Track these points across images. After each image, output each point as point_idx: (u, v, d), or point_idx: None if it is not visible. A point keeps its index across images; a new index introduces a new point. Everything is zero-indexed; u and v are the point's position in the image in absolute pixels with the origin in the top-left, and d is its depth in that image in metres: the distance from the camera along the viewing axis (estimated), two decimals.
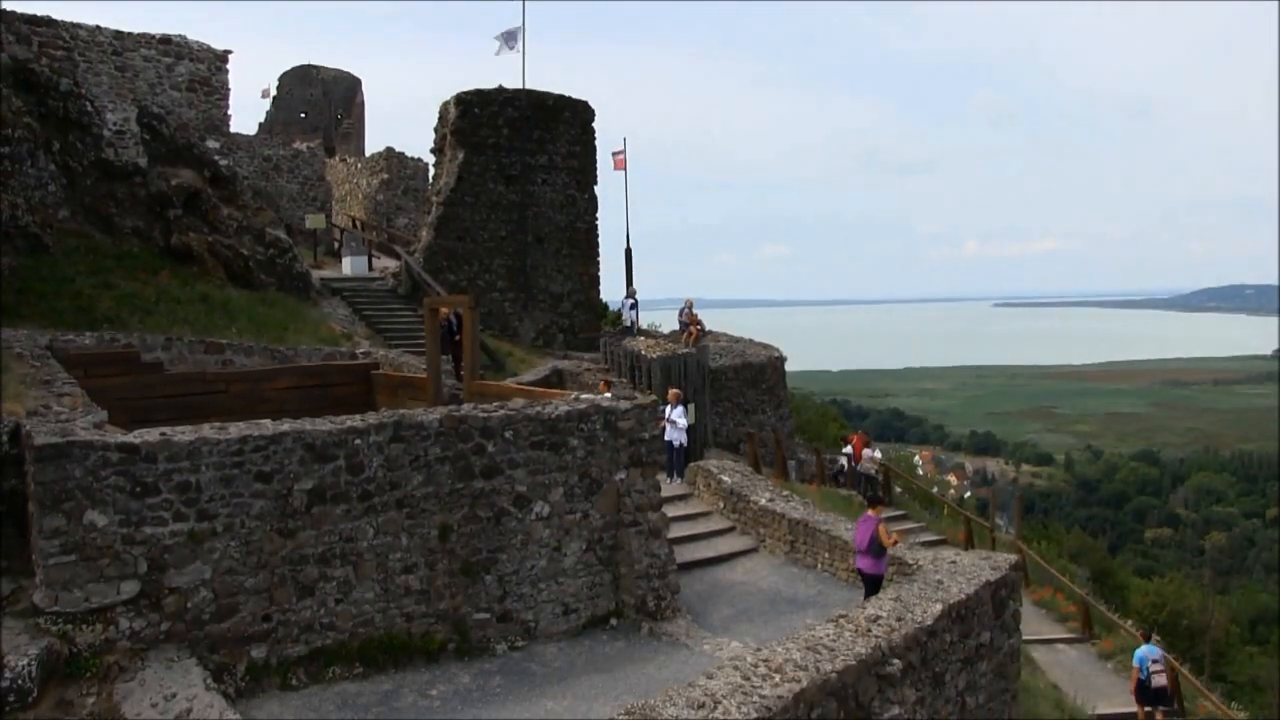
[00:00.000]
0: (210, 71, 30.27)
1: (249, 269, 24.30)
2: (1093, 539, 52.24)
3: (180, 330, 19.38)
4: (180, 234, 23.30)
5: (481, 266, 29.82)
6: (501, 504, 11.77)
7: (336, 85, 50.77)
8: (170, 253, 23.11)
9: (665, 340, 27.99)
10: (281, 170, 37.13)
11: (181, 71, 29.52)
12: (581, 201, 31.60)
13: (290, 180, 37.33)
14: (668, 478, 18.70)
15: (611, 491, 12.75)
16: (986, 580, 12.20)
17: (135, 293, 20.24)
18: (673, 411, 19.44)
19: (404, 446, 11.01)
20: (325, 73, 50.56)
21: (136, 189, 23.28)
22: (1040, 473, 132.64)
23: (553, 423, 12.18)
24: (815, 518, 17.13)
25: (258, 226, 25.57)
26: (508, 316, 30.31)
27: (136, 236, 22.84)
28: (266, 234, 25.55)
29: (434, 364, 16.64)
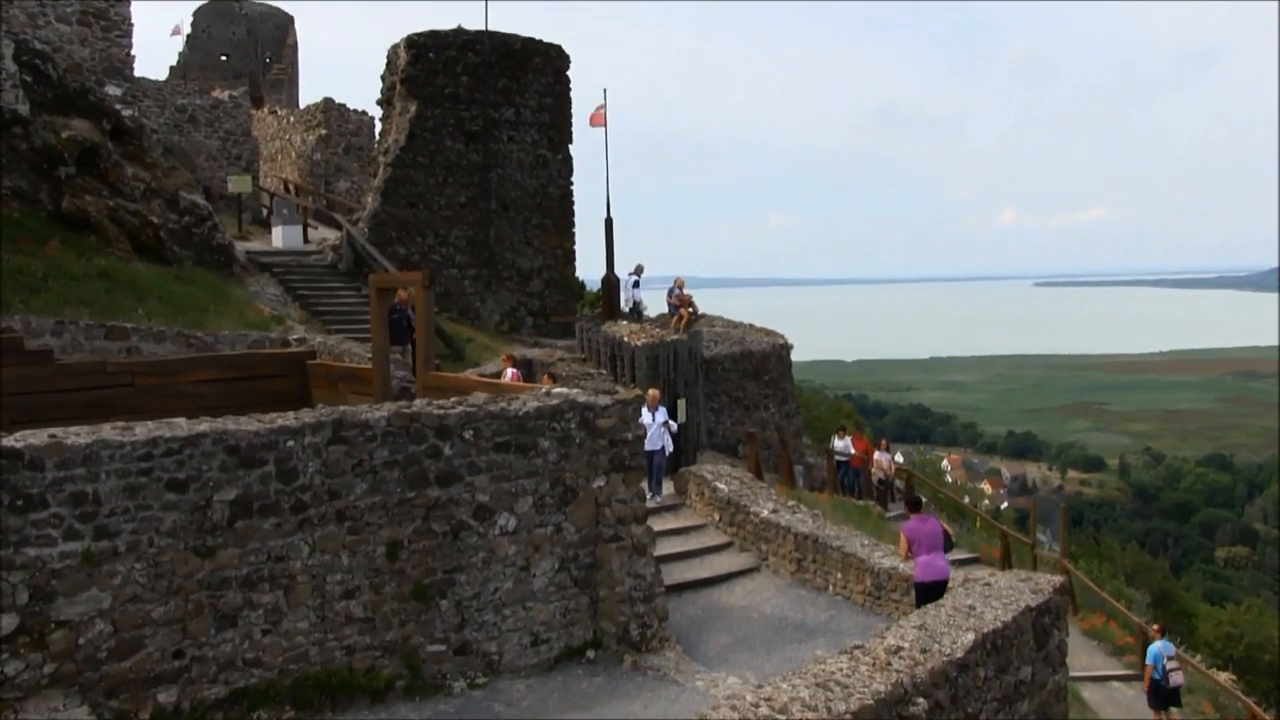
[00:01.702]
0: (108, 2, 29.89)
1: (159, 240, 24.07)
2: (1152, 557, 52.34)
3: (75, 312, 19.08)
4: (74, 197, 22.96)
5: (437, 238, 29.69)
6: (460, 516, 11.71)
7: (264, 23, 50.38)
8: (61, 219, 22.77)
9: (651, 326, 27.93)
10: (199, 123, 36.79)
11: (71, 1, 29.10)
12: (554, 163, 31.48)
13: (209, 135, 37.00)
14: (647, 493, 18.39)
15: (589, 501, 12.71)
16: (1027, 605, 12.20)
17: (19, 267, 19.97)
18: (649, 416, 18.84)
19: (345, 449, 10.91)
20: (250, 7, 50.16)
21: (16, 142, 22.83)
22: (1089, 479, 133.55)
23: (520, 421, 12.11)
24: (827, 532, 17.16)
25: (170, 189, 25.32)
26: (468, 297, 30.21)
27: (18, 199, 22.47)
28: (181, 198, 25.32)
29: (381, 352, 16.53)
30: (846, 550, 16.30)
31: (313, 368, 18.10)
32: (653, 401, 19.25)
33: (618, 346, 25.57)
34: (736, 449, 28.45)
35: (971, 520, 30.61)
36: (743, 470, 21.89)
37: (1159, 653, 17.81)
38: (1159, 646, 17.96)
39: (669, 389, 24.81)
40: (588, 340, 27.50)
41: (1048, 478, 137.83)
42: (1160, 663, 17.70)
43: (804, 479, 28.34)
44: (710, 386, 28.51)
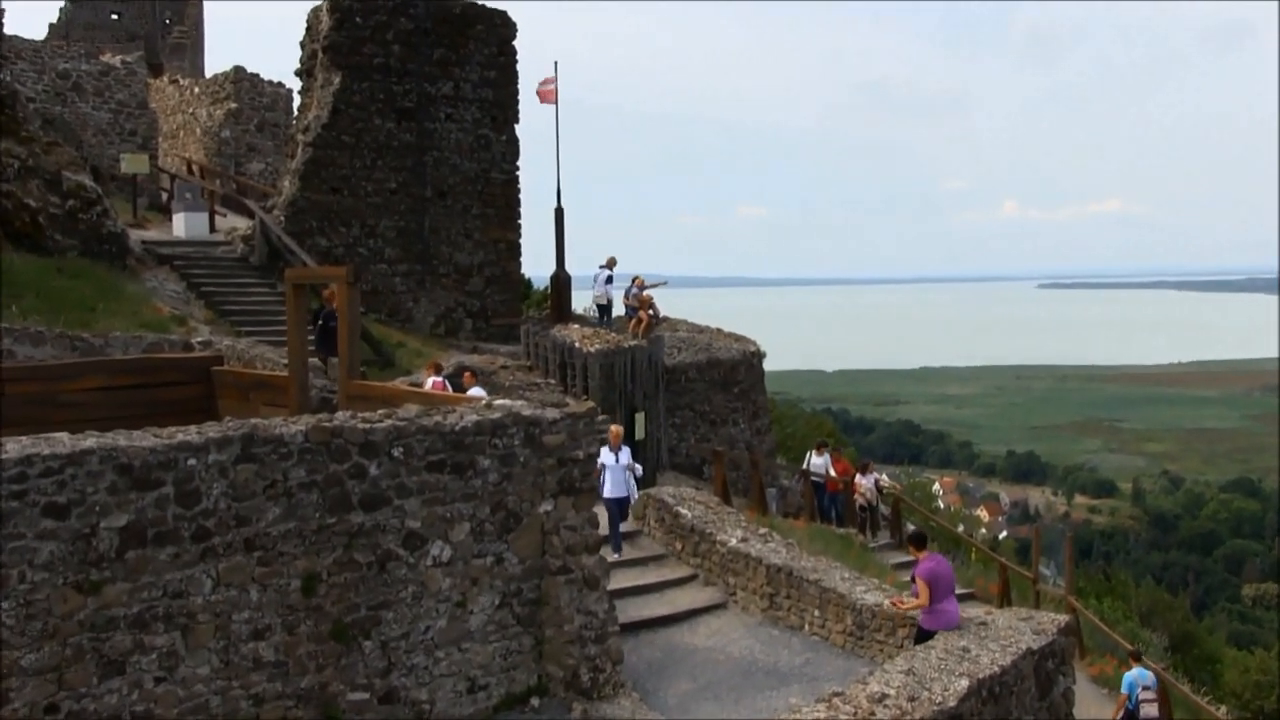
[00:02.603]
0: None
1: (37, 226, 23.76)
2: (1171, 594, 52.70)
3: None
4: None
5: (364, 229, 29.57)
6: (387, 545, 11.65)
7: None
8: None
9: (606, 330, 27.96)
10: (85, 92, 36.37)
11: None
12: (498, 145, 31.46)
13: (98, 106, 36.59)
14: (612, 550, 17.85)
15: (534, 528, 12.68)
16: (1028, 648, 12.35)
17: None
18: (613, 457, 18.31)
19: (256, 469, 10.82)
20: None
21: None
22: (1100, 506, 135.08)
23: (457, 437, 12.08)
24: (803, 564, 17.22)
25: (50, 168, 24.99)
26: (398, 296, 30.10)
27: None
28: (64, 179, 25.01)
29: (298, 358, 16.42)
30: (825, 584, 16.37)
31: (219, 375, 17.94)
32: (615, 440, 18.57)
33: (568, 353, 25.58)
34: (701, 469, 28.50)
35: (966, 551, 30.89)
36: (708, 494, 21.92)
37: (1133, 681, 18.44)
38: (1134, 675, 18.58)
39: (626, 401, 24.86)
40: (534, 346, 27.48)
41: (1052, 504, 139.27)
42: (1134, 692, 18.32)
43: (777, 504, 28.43)
44: (672, 399, 28.57)
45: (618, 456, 18.39)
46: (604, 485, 18.06)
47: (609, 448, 18.24)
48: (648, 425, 25.09)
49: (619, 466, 18.34)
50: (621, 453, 18.53)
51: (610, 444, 18.34)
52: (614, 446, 18.43)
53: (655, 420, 25.99)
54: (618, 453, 18.44)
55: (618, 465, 18.33)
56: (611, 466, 18.20)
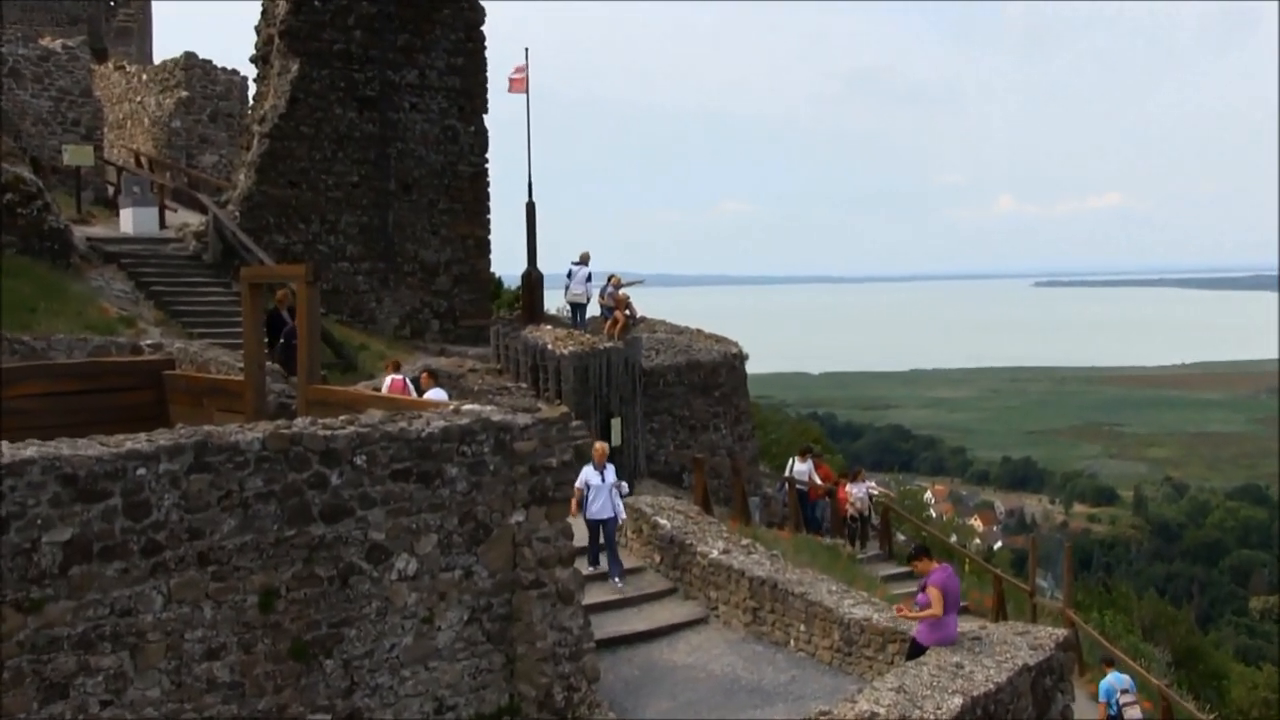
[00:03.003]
0: None
1: None
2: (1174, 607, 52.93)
3: None
4: None
5: (324, 225, 29.49)
6: (350, 558, 11.62)
7: None
8: None
9: (580, 331, 27.96)
10: (23, 78, 36.04)
11: None
12: (465, 136, 31.42)
13: (38, 94, 36.28)
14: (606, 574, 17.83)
15: (505, 540, 12.68)
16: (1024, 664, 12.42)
17: None
18: (598, 475, 18.04)
19: (210, 479, 10.78)
20: None
21: None
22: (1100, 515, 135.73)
23: (423, 444, 12.06)
24: (788, 576, 17.27)
25: None
26: (361, 295, 30.02)
27: None
28: (1, 171, 24.88)
29: (255, 361, 16.37)
30: (811, 598, 16.42)
31: (171, 380, 17.88)
32: (599, 457, 18.15)
33: (540, 355, 25.58)
34: (681, 477, 28.52)
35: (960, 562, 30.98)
36: (688, 503, 21.95)
37: (1111, 688, 18.75)
38: (1110, 681, 18.91)
39: (601, 406, 24.89)
40: (505, 348, 27.47)
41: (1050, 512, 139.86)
42: (1113, 699, 18.60)
43: (761, 513, 28.49)
44: (650, 403, 28.59)
45: (603, 475, 18.03)
46: (588, 506, 17.83)
47: (593, 465, 17.89)
48: (624, 431, 25.12)
49: (604, 486, 17.96)
50: (607, 470, 18.17)
51: (594, 461, 17.94)
52: (598, 464, 18.04)
53: (632, 426, 26.01)
54: (603, 470, 18.08)
55: (603, 485, 17.95)
56: (596, 486, 17.88)
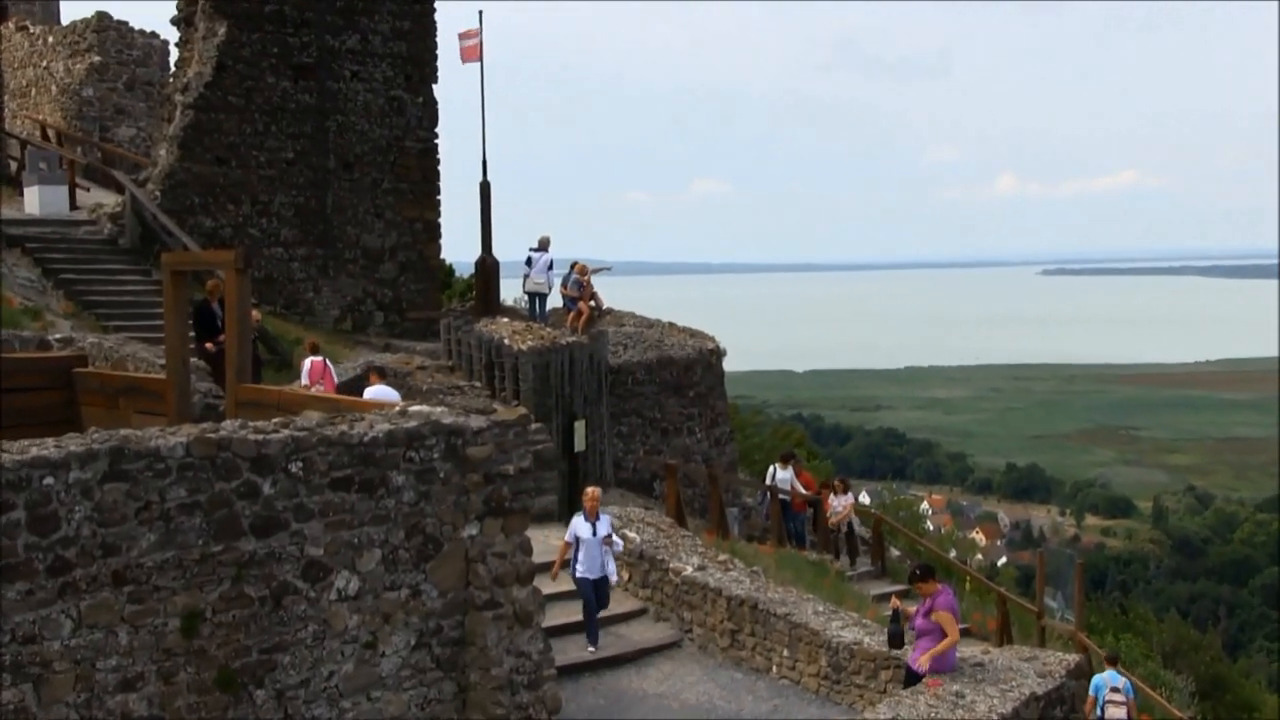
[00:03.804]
0: None
1: None
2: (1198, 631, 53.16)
3: None
4: None
5: (255, 206, 29.35)
6: (283, 576, 11.58)
7: None
8: None
9: (540, 324, 27.94)
10: None
11: None
12: (413, 108, 31.33)
13: None
14: (588, 643, 17.03)
15: (456, 555, 12.66)
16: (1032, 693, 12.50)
17: None
18: (588, 527, 17.16)
19: (127, 488, 10.72)
20: None
21: None
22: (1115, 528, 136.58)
23: (365, 449, 12.03)
24: (770, 595, 17.32)
25: None
26: (297, 284, 29.90)
27: None
28: None
29: (178, 357, 16.30)
30: (795, 619, 16.47)
31: (82, 378, 17.74)
32: (591, 506, 17.24)
33: (496, 351, 25.54)
34: (651, 486, 28.54)
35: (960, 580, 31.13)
36: (659, 514, 21.99)
37: (1101, 684, 19.12)
38: (1103, 677, 19.30)
39: (563, 407, 24.88)
40: (456, 343, 27.41)
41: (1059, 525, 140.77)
42: (1100, 695, 18.96)
43: (740, 525, 28.57)
44: (617, 404, 28.59)
45: (594, 526, 17.08)
46: (576, 563, 17.07)
47: (583, 515, 17.16)
48: (589, 435, 25.11)
49: (595, 540, 16.99)
50: (600, 522, 17.17)
51: (585, 511, 17.20)
52: (590, 514, 17.16)
53: (597, 429, 26.01)
54: (595, 521, 17.13)
55: (593, 539, 16.98)
56: (586, 540, 16.98)
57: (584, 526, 17.08)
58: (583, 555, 17.01)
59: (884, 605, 22.32)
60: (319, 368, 20.53)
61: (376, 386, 18.83)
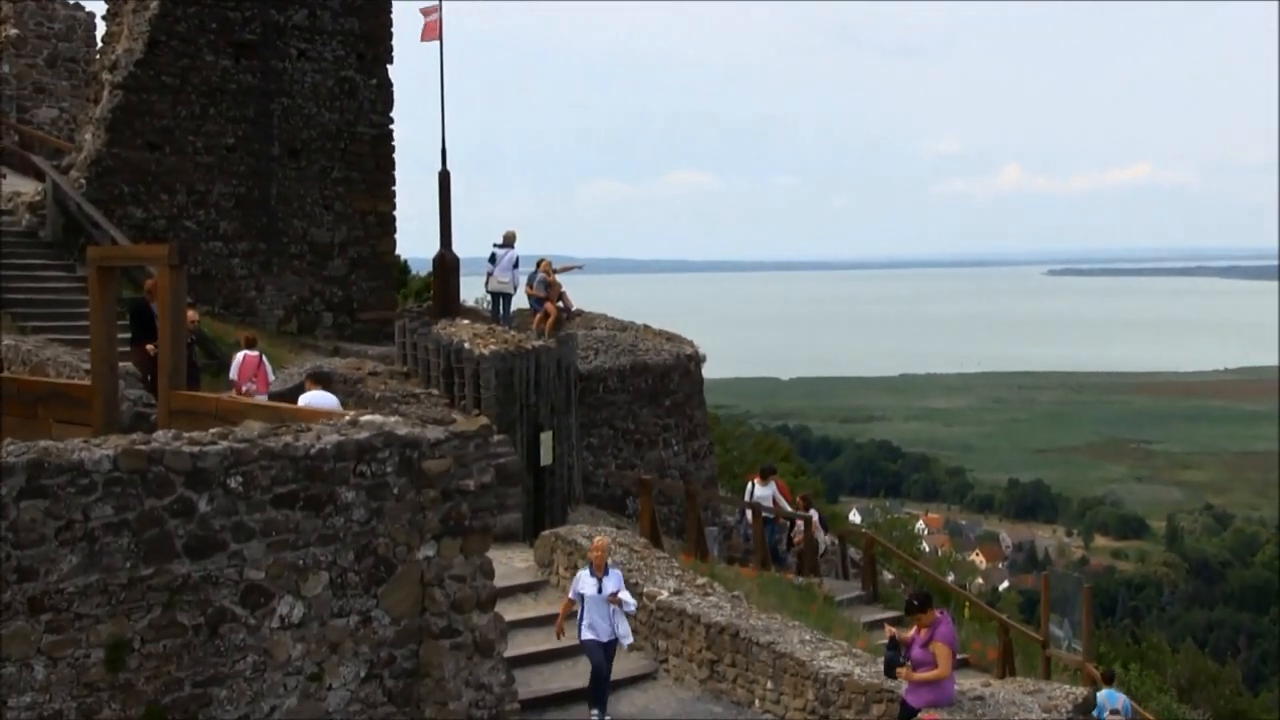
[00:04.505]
0: None
1: None
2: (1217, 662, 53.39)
3: None
4: None
5: (192, 197, 29.22)
6: (220, 602, 11.52)
7: None
8: None
9: (504, 327, 27.91)
10: None
11: None
12: (366, 91, 31.26)
13: None
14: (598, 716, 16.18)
15: (411, 579, 12.62)
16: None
17: None
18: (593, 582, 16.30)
19: (46, 505, 10.65)
20: None
21: None
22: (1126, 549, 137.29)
23: (312, 463, 11.98)
24: (752, 623, 17.32)
25: None
26: (238, 282, 29.78)
27: None
28: None
29: (105, 361, 16.22)
30: (780, 649, 16.47)
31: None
32: (599, 558, 16.34)
33: (456, 356, 25.49)
34: (624, 503, 28.54)
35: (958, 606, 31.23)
36: (632, 534, 21.99)
37: (1101, 704, 19.48)
38: (1103, 696, 19.84)
39: (529, 417, 24.84)
40: (413, 346, 27.34)
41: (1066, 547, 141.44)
42: (1102, 715, 19.34)
43: (720, 546, 28.58)
44: (588, 414, 28.58)
45: (601, 582, 16.19)
46: (581, 623, 16.22)
47: (589, 569, 16.35)
48: (556, 447, 25.08)
49: (600, 598, 16.11)
50: (609, 577, 16.26)
51: (590, 564, 16.39)
52: (596, 567, 16.28)
53: (566, 441, 25.99)
54: (602, 577, 16.23)
55: (599, 596, 16.11)
56: (592, 597, 16.13)
57: (589, 582, 16.17)
58: (589, 615, 16.10)
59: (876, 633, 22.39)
60: (252, 363, 20.44)
61: (313, 393, 18.80)
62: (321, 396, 18.66)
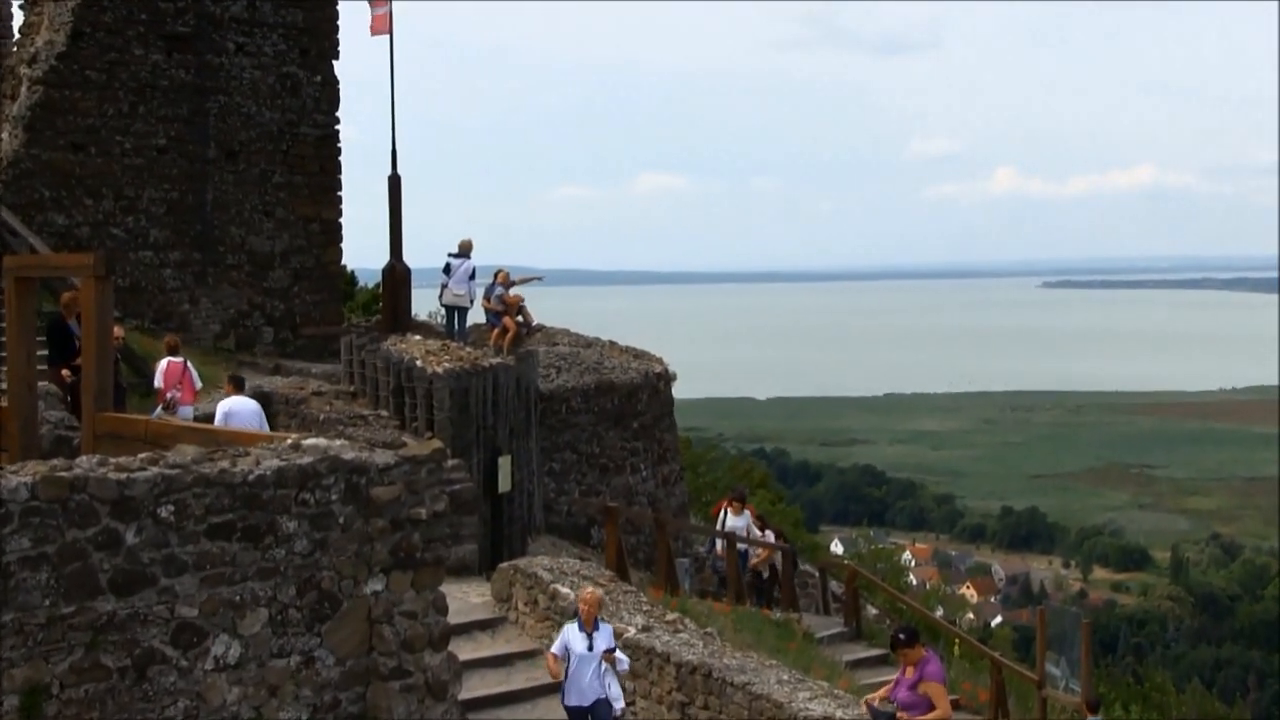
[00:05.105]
0: None
1: None
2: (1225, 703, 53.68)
3: None
4: None
5: (120, 202, 29.14)
6: (149, 642, 11.45)
7: None
8: None
9: (459, 343, 27.88)
10: None
11: None
12: (310, 88, 31.26)
13: None
14: None
15: (357, 615, 12.57)
16: None
17: None
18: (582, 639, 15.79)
19: None
20: None
21: None
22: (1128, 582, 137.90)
23: (250, 490, 11.92)
24: (725, 661, 17.31)
25: None
26: (170, 295, 29.69)
27: None
28: None
29: (22, 381, 16.12)
30: (756, 690, 16.45)
31: None
32: (588, 611, 15.88)
33: (407, 374, 25.45)
34: (589, 532, 28.52)
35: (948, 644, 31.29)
36: (597, 565, 21.97)
37: None
38: None
39: (486, 440, 24.82)
40: (360, 364, 27.29)
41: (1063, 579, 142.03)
42: None
43: (691, 579, 28.55)
44: (549, 436, 28.57)
45: (591, 639, 15.70)
46: (566, 686, 15.73)
47: (577, 623, 15.86)
48: (515, 473, 25.05)
49: (591, 655, 15.61)
50: (600, 632, 15.75)
51: (579, 618, 15.87)
52: (586, 621, 15.77)
53: (525, 466, 25.97)
54: (591, 633, 15.74)
55: (590, 653, 15.61)
56: (581, 655, 15.61)
57: (578, 638, 15.66)
58: (574, 675, 15.58)
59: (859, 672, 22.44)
60: (176, 370, 20.37)
61: (232, 399, 18.74)
62: (240, 403, 18.61)
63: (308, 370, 28.99)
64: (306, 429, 22.54)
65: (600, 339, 34.63)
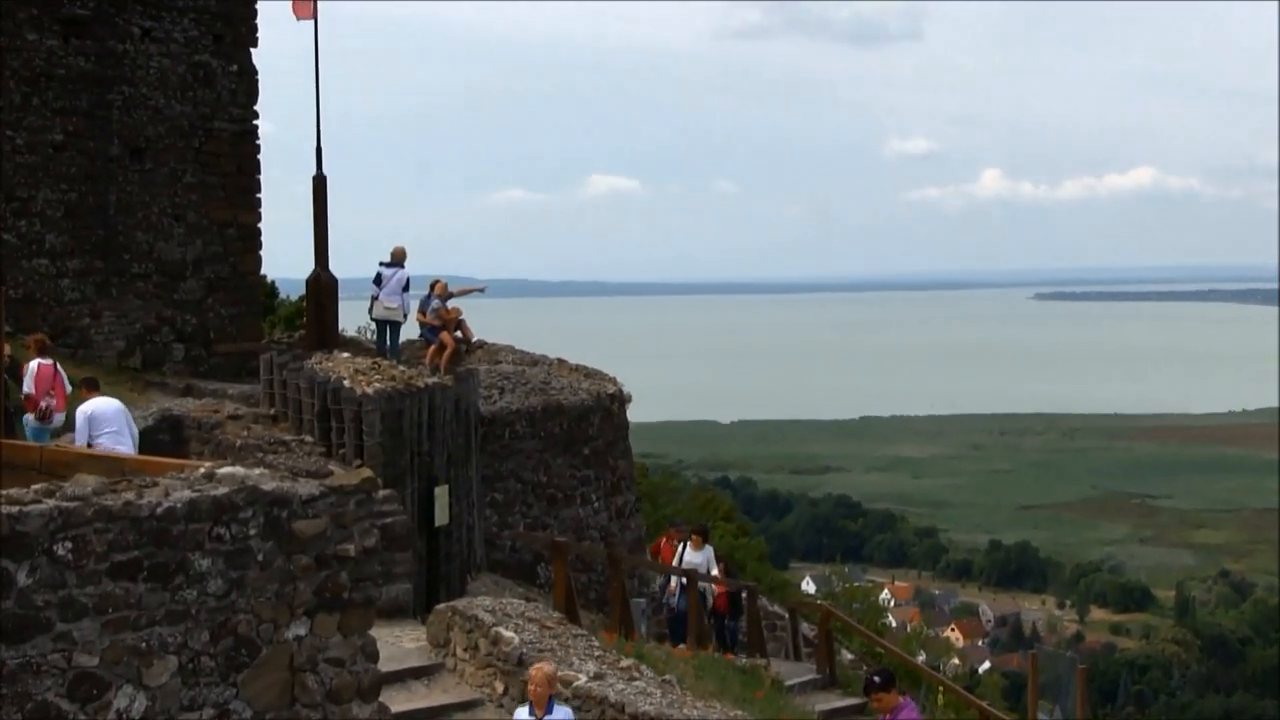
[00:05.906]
0: None
1: None
2: None
3: None
4: None
5: (12, 204, 29.07)
6: (43, 695, 11.38)
7: None
8: None
9: (391, 361, 27.86)
10: None
11: None
12: (225, 79, 31.23)
13: None
14: None
15: (278, 663, 12.53)
16: None
17: None
18: None
19: None
20: None
21: None
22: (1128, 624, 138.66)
23: (159, 525, 11.88)
24: (686, 712, 17.33)
25: None
26: (68, 308, 29.58)
27: None
28: None
29: None
30: None
31: None
32: (539, 692, 15.55)
33: (333, 396, 25.41)
34: (535, 570, 28.51)
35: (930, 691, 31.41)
36: (544, 607, 21.96)
37: None
38: None
39: (420, 467, 24.79)
40: (282, 384, 27.24)
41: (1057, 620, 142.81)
42: None
43: (648, 621, 28.56)
44: (491, 463, 28.57)
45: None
46: None
47: (528, 707, 15.73)
48: (453, 505, 25.04)
49: None
50: (553, 716, 15.62)
51: (530, 700, 15.70)
52: (538, 705, 15.61)
53: (465, 497, 25.96)
54: (543, 717, 15.62)
55: None
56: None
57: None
58: None
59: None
60: (48, 373, 20.24)
61: (92, 401, 18.71)
62: (104, 403, 18.55)
63: (223, 391, 28.91)
64: (221, 456, 22.46)
65: (547, 356, 34.66)
